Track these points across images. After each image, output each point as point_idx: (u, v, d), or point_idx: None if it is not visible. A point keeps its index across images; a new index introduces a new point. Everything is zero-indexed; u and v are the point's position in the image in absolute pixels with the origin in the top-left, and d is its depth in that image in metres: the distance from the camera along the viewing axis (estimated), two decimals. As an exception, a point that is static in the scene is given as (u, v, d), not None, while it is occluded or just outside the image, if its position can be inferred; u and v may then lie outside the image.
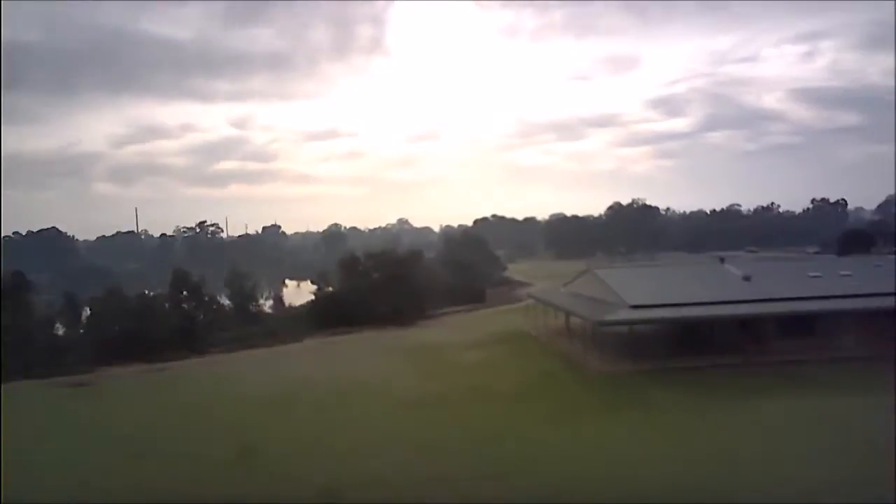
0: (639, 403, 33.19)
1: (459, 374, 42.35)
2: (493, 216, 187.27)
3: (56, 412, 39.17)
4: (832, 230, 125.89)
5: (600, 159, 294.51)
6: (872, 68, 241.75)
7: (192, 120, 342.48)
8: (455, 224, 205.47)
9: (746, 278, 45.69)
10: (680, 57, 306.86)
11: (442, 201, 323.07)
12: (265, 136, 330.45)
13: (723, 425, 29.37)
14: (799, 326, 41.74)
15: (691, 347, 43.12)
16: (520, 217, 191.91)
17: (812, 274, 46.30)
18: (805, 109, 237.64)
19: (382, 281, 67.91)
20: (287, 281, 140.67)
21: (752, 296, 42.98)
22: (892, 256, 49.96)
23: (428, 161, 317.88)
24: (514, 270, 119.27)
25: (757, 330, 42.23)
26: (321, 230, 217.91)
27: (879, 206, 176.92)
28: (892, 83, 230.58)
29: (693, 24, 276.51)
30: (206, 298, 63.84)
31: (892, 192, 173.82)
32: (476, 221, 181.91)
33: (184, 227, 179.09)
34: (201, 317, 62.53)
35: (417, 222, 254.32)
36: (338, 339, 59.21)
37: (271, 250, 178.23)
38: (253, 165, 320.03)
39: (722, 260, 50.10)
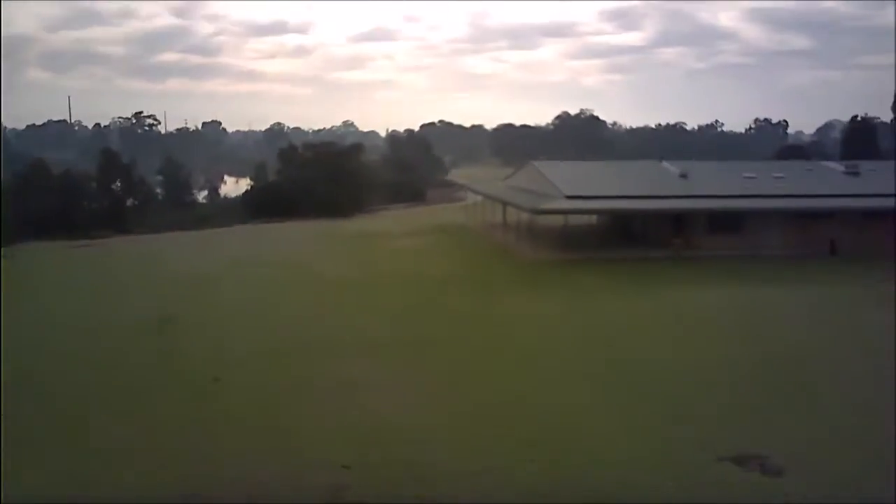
0: (561, 284, 33.59)
1: (392, 257, 42.10)
2: (441, 122, 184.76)
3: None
4: (771, 149, 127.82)
5: (551, 70, 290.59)
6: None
7: (130, 6, 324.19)
8: (401, 129, 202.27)
9: (683, 176, 45.96)
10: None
11: (389, 106, 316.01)
12: (209, 27, 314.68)
13: (633, 305, 29.74)
14: (729, 223, 42.27)
15: (624, 241, 43.57)
16: (467, 124, 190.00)
17: (746, 175, 46.78)
18: (758, 30, 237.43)
19: (321, 172, 66.53)
20: (226, 177, 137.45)
21: (685, 192, 43.31)
22: (826, 162, 50.81)
23: (377, 63, 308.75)
24: (459, 175, 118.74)
25: (689, 225, 42.68)
26: (263, 129, 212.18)
27: (818, 130, 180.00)
28: (845, 8, 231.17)
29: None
30: (137, 181, 61.68)
31: (833, 117, 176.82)
32: (423, 126, 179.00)
33: (119, 118, 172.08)
34: (130, 199, 60.54)
35: (364, 126, 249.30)
36: (271, 226, 58.16)
37: (211, 146, 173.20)
38: (195, 59, 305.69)
39: (661, 159, 50.29)
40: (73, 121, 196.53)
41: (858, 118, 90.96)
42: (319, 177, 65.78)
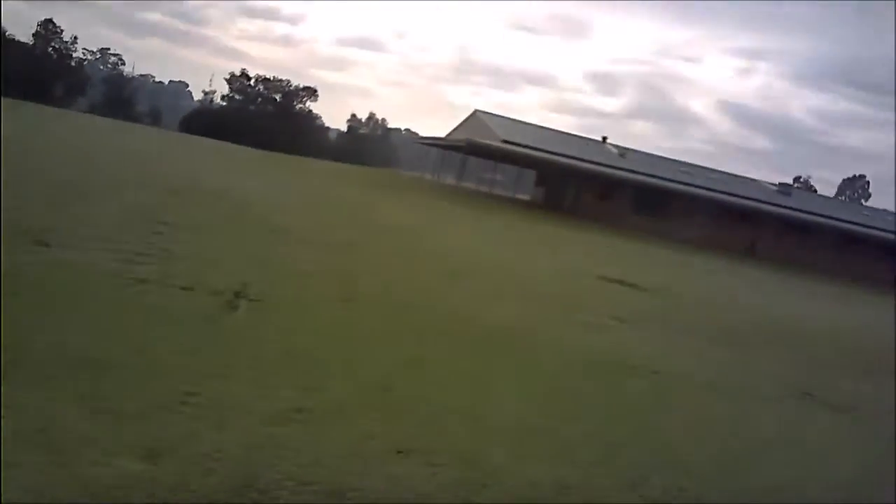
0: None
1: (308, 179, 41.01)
2: (406, 130, 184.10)
3: None
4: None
5: (526, 117, 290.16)
6: (796, 102, 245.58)
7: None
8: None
9: (621, 155, 45.92)
10: (629, 36, 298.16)
11: (359, 111, 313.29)
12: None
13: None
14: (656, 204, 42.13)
15: (556, 210, 43.01)
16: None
17: (682, 170, 47.00)
18: (726, 122, 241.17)
19: (268, 107, 64.96)
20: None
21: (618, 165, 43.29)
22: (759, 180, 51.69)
23: (358, 70, 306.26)
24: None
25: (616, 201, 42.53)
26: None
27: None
28: (810, 121, 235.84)
29: (653, 6, 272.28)
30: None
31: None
32: (387, 127, 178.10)
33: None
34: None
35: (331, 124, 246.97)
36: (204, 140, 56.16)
37: (172, 97, 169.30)
38: (179, 24, 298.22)
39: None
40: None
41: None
42: (265, 111, 64.28)
